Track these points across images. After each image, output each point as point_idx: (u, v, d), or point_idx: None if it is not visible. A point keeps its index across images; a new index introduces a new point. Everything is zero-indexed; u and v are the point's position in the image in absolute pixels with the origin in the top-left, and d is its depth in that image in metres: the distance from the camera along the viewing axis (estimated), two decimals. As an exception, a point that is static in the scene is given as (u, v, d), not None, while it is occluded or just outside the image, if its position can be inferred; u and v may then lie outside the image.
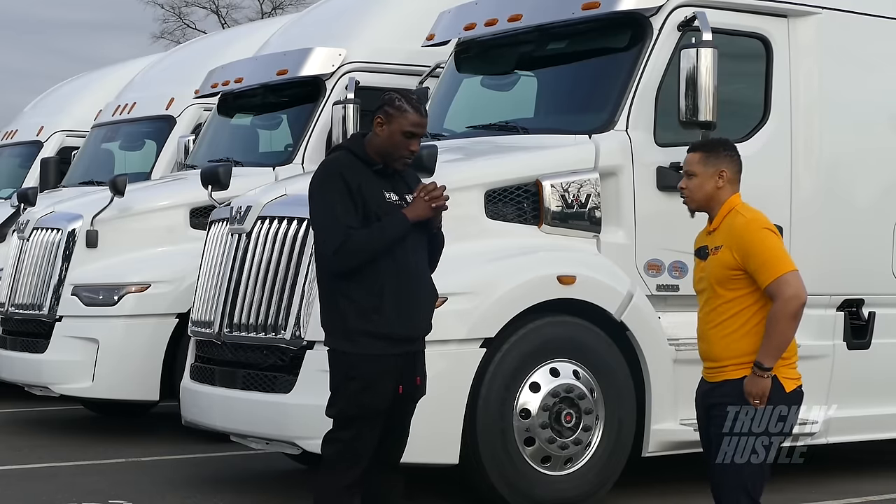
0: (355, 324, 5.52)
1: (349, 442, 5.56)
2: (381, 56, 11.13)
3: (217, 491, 8.64)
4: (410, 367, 5.66)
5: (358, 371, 5.53)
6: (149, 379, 10.44)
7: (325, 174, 5.64)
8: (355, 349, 5.53)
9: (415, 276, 5.62)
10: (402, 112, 5.58)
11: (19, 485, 8.88)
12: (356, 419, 5.56)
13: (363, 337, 5.51)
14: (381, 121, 5.62)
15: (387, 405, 5.58)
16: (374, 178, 5.61)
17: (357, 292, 5.52)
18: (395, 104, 5.60)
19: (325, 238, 5.58)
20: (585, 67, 8.97)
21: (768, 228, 5.47)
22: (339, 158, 5.67)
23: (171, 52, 17.87)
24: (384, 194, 5.60)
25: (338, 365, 5.62)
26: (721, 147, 5.63)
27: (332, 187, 5.54)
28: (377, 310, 5.51)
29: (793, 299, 5.32)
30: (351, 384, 5.54)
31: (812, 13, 8.75)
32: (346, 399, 5.57)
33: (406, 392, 5.66)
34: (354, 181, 5.52)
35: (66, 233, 10.95)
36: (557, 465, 7.72)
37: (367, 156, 5.64)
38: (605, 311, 7.85)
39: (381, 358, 5.54)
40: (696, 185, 5.56)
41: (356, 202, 5.51)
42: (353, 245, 5.46)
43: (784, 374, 5.41)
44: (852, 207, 8.94)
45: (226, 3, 52.71)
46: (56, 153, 15.96)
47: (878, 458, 10.06)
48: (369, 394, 5.53)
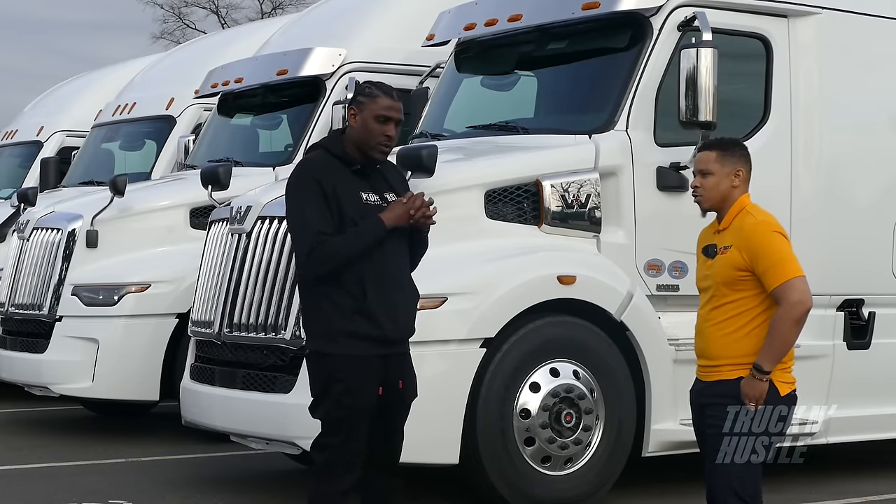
0: (339, 325, 5.46)
1: (339, 446, 5.51)
2: (381, 56, 11.13)
3: (217, 491, 8.64)
4: (395, 369, 5.59)
5: (342, 373, 5.46)
6: (149, 379, 10.44)
7: (299, 176, 5.56)
8: (339, 350, 5.47)
9: (396, 278, 5.55)
10: (372, 98, 5.54)
11: (19, 485, 8.88)
12: (343, 422, 5.50)
13: (347, 338, 5.45)
14: (354, 112, 5.57)
15: (371, 406, 5.52)
16: (351, 179, 5.52)
17: (339, 295, 5.45)
18: (365, 92, 5.57)
19: (297, 242, 5.54)
20: (585, 67, 8.97)
21: (779, 232, 5.46)
22: (315, 159, 5.60)
23: (171, 52, 17.87)
24: (361, 195, 5.51)
25: (321, 367, 5.55)
26: (736, 146, 5.62)
27: (305, 190, 5.47)
28: (360, 311, 5.45)
29: (798, 304, 5.32)
30: (336, 386, 5.48)
31: (812, 13, 8.75)
32: (331, 401, 5.51)
33: (393, 394, 5.59)
34: (329, 183, 5.44)
35: (66, 233, 10.95)
36: (557, 465, 7.72)
37: (346, 154, 5.56)
38: (605, 311, 7.85)
39: (365, 359, 5.47)
40: (712, 184, 5.53)
41: (330, 206, 5.43)
42: (326, 250, 5.40)
43: (779, 377, 5.41)
44: (852, 207, 8.94)
45: (226, 3, 52.75)
46: (56, 153, 15.96)
47: (878, 458, 10.06)
48: (353, 395, 5.47)
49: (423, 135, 9.23)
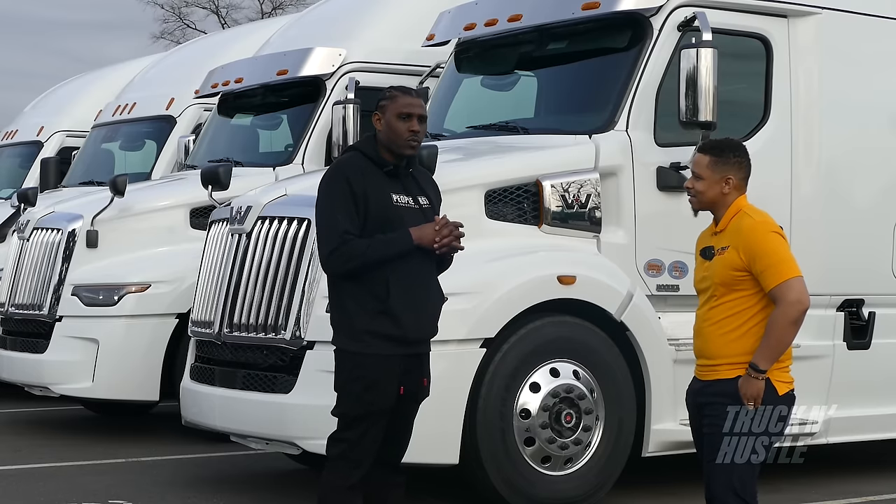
0: (362, 324, 5.55)
1: (354, 442, 5.59)
2: (381, 56, 11.13)
3: (217, 491, 8.64)
4: (416, 368, 5.68)
5: (363, 371, 5.54)
6: (149, 379, 10.44)
7: (331, 176, 5.70)
8: (361, 349, 5.55)
9: (421, 280, 5.64)
10: (391, 98, 5.70)
11: (19, 485, 8.88)
12: (361, 419, 5.57)
13: (369, 337, 5.54)
14: (378, 116, 5.73)
15: (391, 405, 5.60)
16: (383, 180, 5.63)
17: (364, 294, 5.54)
18: (385, 95, 5.75)
19: (322, 240, 5.65)
20: (585, 67, 8.97)
21: (776, 232, 5.46)
22: (349, 160, 5.72)
23: (171, 52, 17.87)
24: (392, 197, 5.61)
25: (343, 364, 5.64)
26: (730, 152, 5.56)
27: (335, 190, 5.59)
28: (384, 311, 5.53)
29: (795, 304, 5.32)
30: (356, 384, 5.56)
31: (812, 13, 8.75)
32: (351, 399, 5.59)
33: (409, 393, 5.67)
34: (360, 184, 5.55)
35: (66, 233, 10.95)
36: (557, 465, 7.72)
37: (379, 156, 5.67)
38: (605, 311, 7.85)
39: (387, 358, 5.55)
40: (703, 188, 5.53)
41: (359, 206, 5.53)
42: (349, 251, 5.49)
43: (777, 377, 5.41)
44: (852, 207, 8.94)
45: (226, 3, 52.80)
46: (56, 153, 15.96)
47: (878, 458, 10.07)
48: (374, 394, 5.55)
49: (423, 135, 9.21)
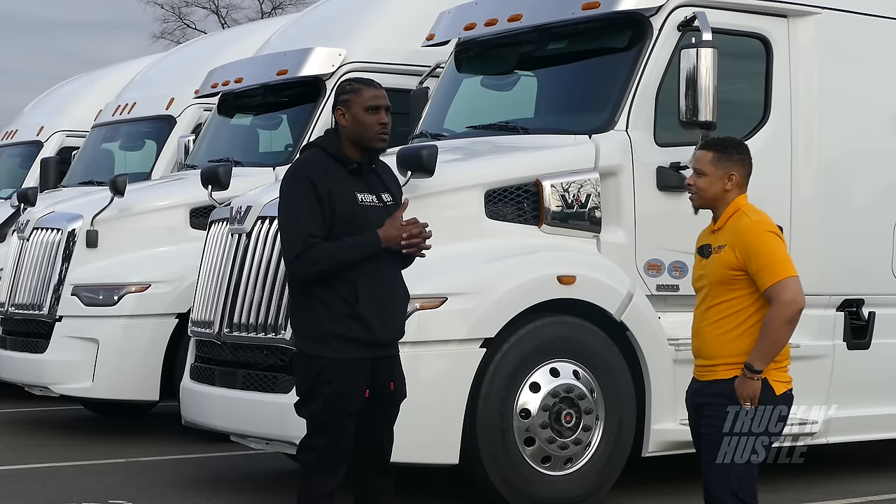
0: (329, 328, 5.42)
1: (325, 450, 5.48)
2: (381, 56, 11.13)
3: (217, 491, 8.64)
4: (385, 371, 5.57)
5: (331, 375, 5.42)
6: (149, 379, 10.44)
7: (293, 177, 5.53)
8: (329, 353, 5.43)
9: (388, 282, 5.52)
10: (356, 92, 5.53)
11: (19, 485, 8.88)
12: (329, 424, 5.47)
13: (336, 341, 5.41)
14: (341, 111, 5.55)
15: (358, 409, 5.49)
16: (347, 179, 5.49)
17: (331, 297, 5.42)
18: (346, 89, 5.57)
19: (287, 244, 5.51)
20: (585, 67, 8.97)
21: (773, 232, 5.46)
22: (311, 159, 5.54)
23: (171, 52, 17.86)
24: (357, 196, 5.48)
25: (309, 368, 5.50)
26: (734, 149, 5.58)
27: (298, 191, 5.44)
28: (352, 314, 5.41)
29: (790, 304, 5.32)
30: (324, 388, 5.44)
31: (812, 13, 8.75)
32: (318, 403, 5.47)
33: (383, 396, 5.56)
34: (324, 184, 5.40)
35: (66, 233, 10.95)
36: (557, 465, 7.72)
37: (342, 153, 5.53)
38: (605, 311, 7.85)
39: (356, 362, 5.45)
40: (705, 185, 5.53)
41: (324, 206, 5.40)
42: (315, 255, 5.37)
43: (775, 377, 5.41)
44: (852, 207, 8.94)
45: (226, 3, 52.80)
46: (56, 153, 15.97)
47: (878, 458, 10.07)
48: (342, 398, 5.44)
49: (423, 135, 9.23)
